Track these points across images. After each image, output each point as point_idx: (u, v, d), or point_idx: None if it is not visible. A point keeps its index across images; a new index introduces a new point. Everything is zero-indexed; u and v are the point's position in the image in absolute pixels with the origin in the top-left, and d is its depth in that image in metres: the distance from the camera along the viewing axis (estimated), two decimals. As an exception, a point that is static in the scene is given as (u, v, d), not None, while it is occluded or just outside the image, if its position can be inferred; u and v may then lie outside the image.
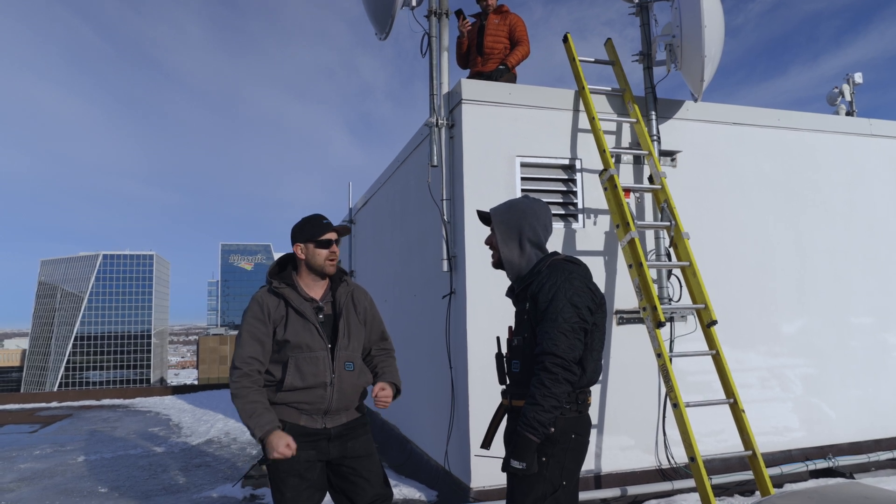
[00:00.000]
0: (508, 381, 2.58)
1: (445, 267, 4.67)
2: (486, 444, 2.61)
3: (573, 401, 2.38)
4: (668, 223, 4.63)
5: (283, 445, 2.56)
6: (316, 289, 2.82)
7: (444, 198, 4.67)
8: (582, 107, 4.91)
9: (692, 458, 3.90)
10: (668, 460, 4.74)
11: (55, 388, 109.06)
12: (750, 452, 4.11)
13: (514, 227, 2.55)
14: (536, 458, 2.30)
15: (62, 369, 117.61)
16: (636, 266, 4.29)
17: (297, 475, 2.68)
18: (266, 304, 2.72)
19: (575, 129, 4.92)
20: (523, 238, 2.54)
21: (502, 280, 2.69)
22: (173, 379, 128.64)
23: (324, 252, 2.75)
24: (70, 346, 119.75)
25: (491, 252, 2.66)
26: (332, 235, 2.77)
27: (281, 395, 2.69)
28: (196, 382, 49.41)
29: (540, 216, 2.57)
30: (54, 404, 11.60)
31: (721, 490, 4.65)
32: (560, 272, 2.41)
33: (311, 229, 2.77)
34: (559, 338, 2.28)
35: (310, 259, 2.77)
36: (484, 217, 2.68)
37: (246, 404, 2.61)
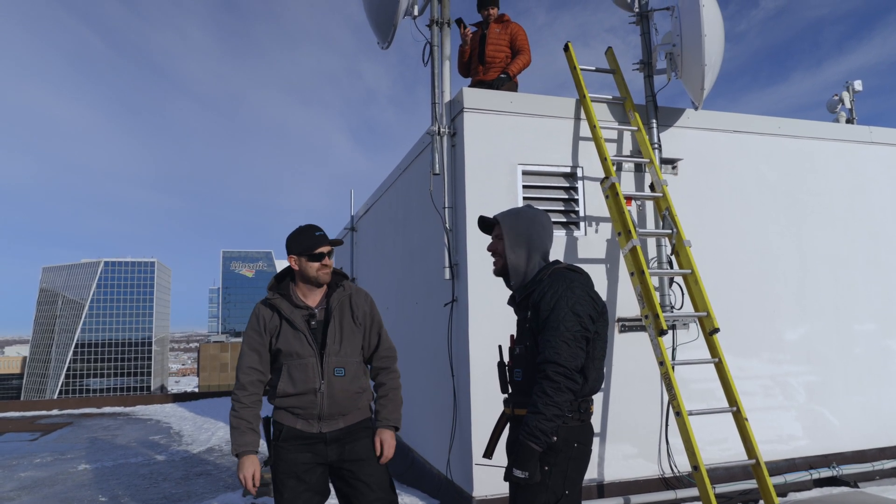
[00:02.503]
0: (510, 390, 2.58)
1: (447, 275, 4.67)
2: (489, 453, 2.61)
3: (575, 409, 2.38)
4: (670, 231, 4.63)
5: (250, 474, 2.68)
6: (312, 296, 2.87)
7: (446, 206, 4.68)
8: (583, 115, 4.93)
9: (695, 467, 3.89)
10: (671, 469, 4.72)
11: (55, 396, 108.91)
12: (753, 461, 4.09)
13: (524, 234, 2.55)
14: (539, 467, 2.29)
15: (63, 377, 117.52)
16: (638, 274, 4.29)
17: (295, 477, 2.74)
18: (262, 315, 2.84)
19: (576, 138, 4.93)
20: (532, 246, 2.54)
21: (504, 288, 2.69)
22: (174, 386, 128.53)
23: (315, 265, 2.81)
24: (71, 353, 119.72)
25: (493, 259, 2.65)
26: (324, 249, 2.81)
27: (277, 400, 2.80)
28: (197, 390, 49.30)
29: (545, 225, 2.59)
30: (55, 412, 11.59)
31: (724, 499, 4.63)
32: (562, 281, 2.41)
33: (303, 242, 2.82)
34: (561, 346, 2.28)
35: (303, 270, 2.83)
36: (485, 223, 2.68)
37: (234, 419, 2.76)
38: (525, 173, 4.73)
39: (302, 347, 2.76)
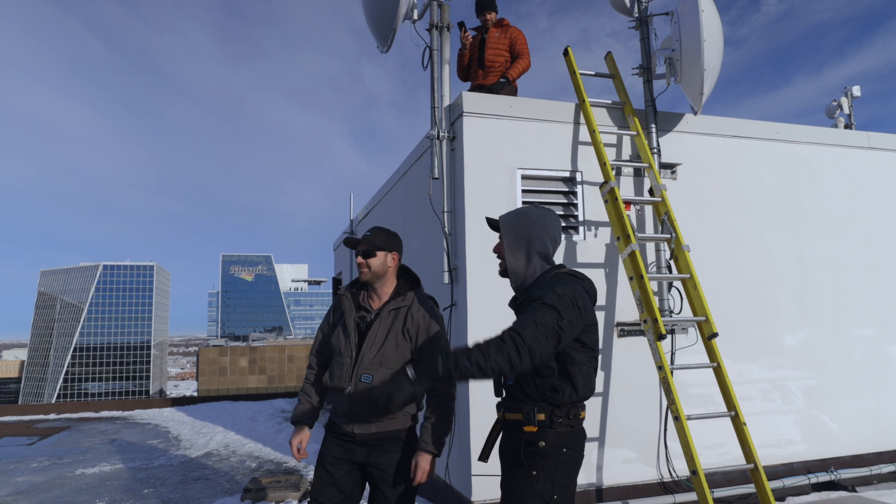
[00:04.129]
0: (504, 394, 2.56)
1: (446, 279, 4.67)
2: (484, 456, 2.59)
3: (564, 415, 2.34)
4: (669, 235, 4.64)
5: (296, 441, 2.89)
6: (375, 298, 2.94)
7: (446, 210, 4.69)
8: (582, 119, 4.94)
9: (694, 472, 3.89)
10: (670, 473, 4.72)
11: (53, 400, 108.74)
12: (752, 465, 4.09)
13: (523, 236, 2.49)
14: (527, 463, 2.29)
15: (61, 380, 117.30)
16: (637, 278, 4.29)
17: (323, 467, 2.83)
18: (334, 306, 3.06)
19: (575, 142, 4.94)
20: (532, 249, 2.48)
21: (504, 292, 2.68)
22: (173, 390, 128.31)
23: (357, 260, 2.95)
24: (69, 357, 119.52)
25: (499, 261, 2.60)
26: (358, 248, 2.91)
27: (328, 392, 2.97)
28: (196, 394, 49.14)
29: (549, 227, 2.52)
30: (52, 416, 11.56)
31: (723, 503, 4.63)
32: (559, 284, 2.39)
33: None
34: (529, 324, 2.21)
35: None
36: (493, 224, 2.65)
37: (300, 392, 3.04)
38: (524, 177, 4.74)
39: (344, 346, 2.84)
